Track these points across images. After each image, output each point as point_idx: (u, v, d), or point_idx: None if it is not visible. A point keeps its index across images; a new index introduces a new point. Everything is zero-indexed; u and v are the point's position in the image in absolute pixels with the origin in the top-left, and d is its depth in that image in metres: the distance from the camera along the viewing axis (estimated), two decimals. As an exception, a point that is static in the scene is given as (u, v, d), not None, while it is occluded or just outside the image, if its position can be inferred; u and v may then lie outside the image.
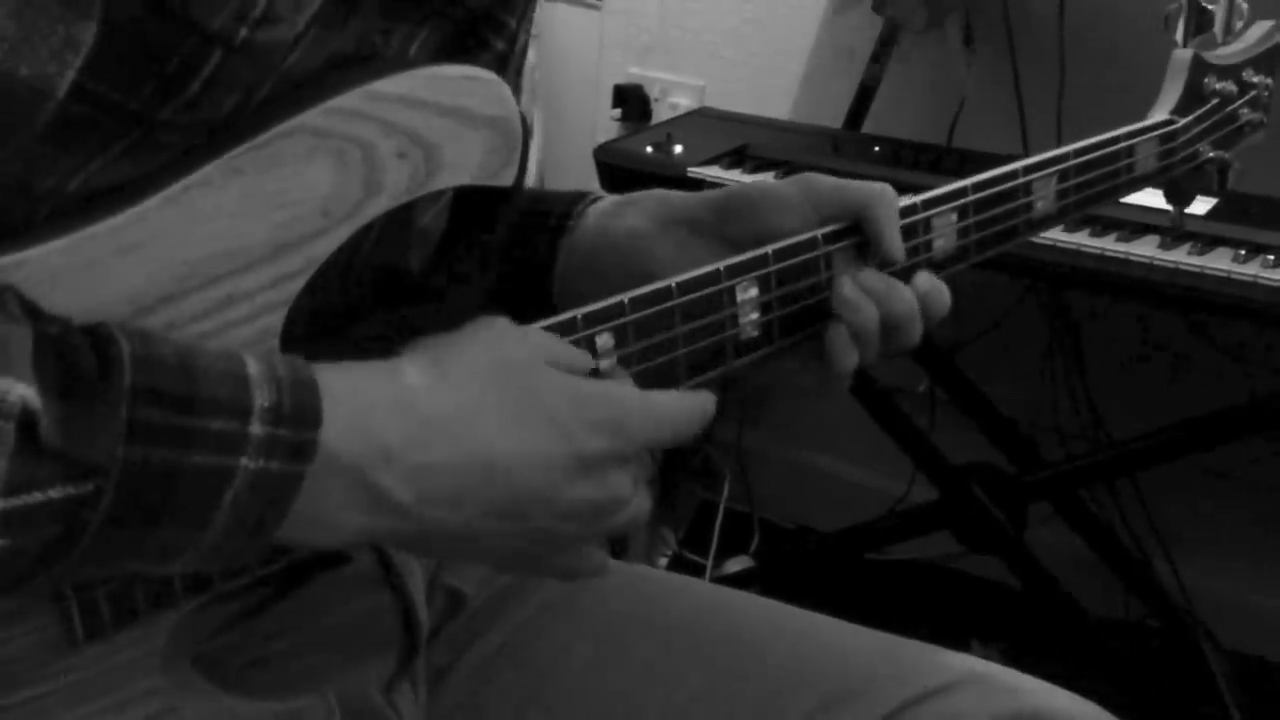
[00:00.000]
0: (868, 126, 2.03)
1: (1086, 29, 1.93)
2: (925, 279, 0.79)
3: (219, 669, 0.68)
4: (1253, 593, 2.09)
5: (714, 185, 1.70)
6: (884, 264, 0.79)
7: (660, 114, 2.29)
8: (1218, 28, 1.03)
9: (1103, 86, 1.93)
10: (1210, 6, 1.02)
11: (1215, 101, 1.02)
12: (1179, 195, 1.05)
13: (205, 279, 0.60)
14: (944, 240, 0.82)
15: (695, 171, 1.73)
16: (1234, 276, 1.45)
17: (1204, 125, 1.01)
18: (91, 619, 0.60)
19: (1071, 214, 0.90)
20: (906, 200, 0.81)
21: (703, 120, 2.01)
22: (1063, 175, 0.88)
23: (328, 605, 0.77)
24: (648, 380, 0.70)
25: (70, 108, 0.54)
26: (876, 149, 1.82)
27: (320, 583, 0.76)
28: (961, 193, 0.83)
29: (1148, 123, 0.97)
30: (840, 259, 0.79)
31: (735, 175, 1.72)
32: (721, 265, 0.74)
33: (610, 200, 0.86)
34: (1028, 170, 0.86)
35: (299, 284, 0.63)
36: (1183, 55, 1.01)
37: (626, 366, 0.70)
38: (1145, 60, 1.85)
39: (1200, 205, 1.36)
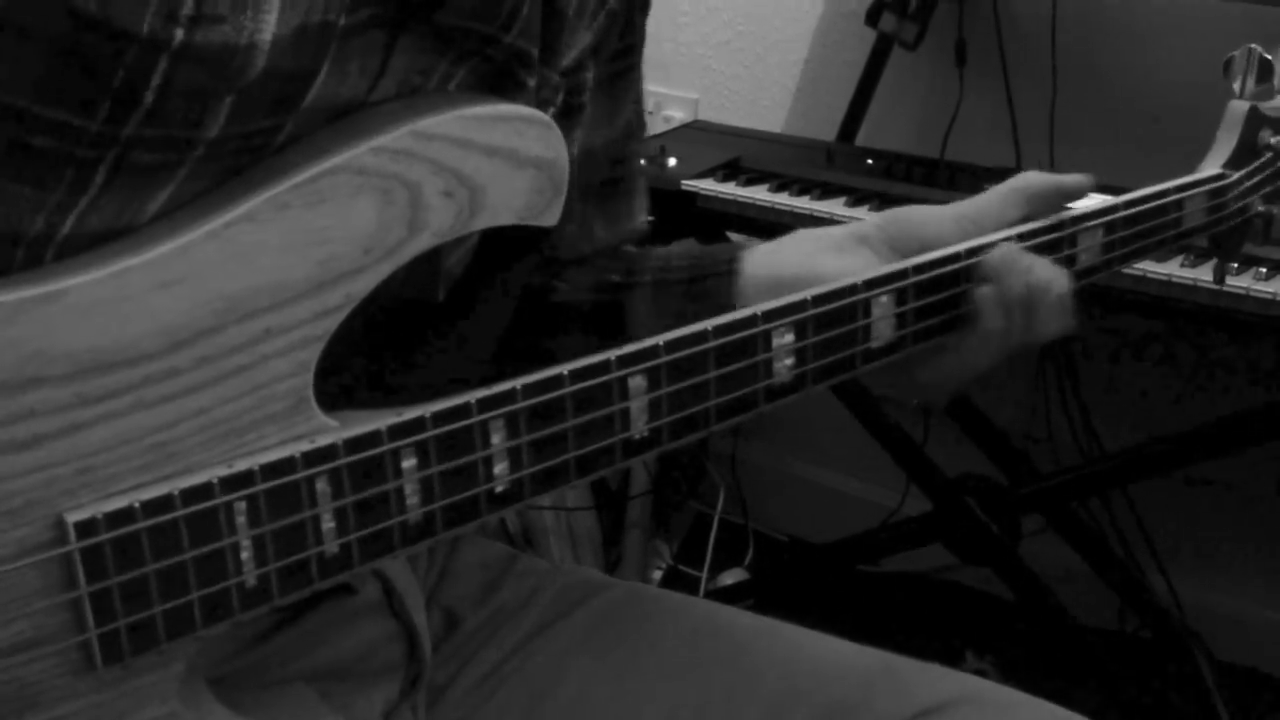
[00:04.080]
0: (861, 139, 2.03)
1: (1078, 41, 1.93)
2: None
3: (233, 693, 0.68)
4: (1246, 604, 2.10)
5: (708, 198, 1.71)
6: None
7: (654, 127, 2.29)
8: (1278, 80, 0.99)
9: (1095, 99, 1.94)
10: (1270, 58, 0.99)
11: (1269, 155, 0.99)
12: (1224, 248, 1.02)
13: (244, 313, 0.60)
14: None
15: (689, 184, 1.73)
16: (1226, 289, 1.45)
17: (1256, 179, 0.98)
18: (110, 644, 0.59)
19: (1115, 266, 0.89)
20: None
21: (696, 133, 2.00)
22: (1110, 227, 0.87)
23: (335, 633, 0.77)
24: (678, 423, 0.71)
25: (29, 138, 0.54)
26: (870, 162, 1.81)
27: (326, 610, 0.76)
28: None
29: (1199, 176, 0.95)
30: (877, 303, 0.79)
31: (729, 188, 1.72)
32: (759, 310, 0.74)
33: (760, 244, 0.86)
34: (1075, 221, 0.85)
35: (337, 320, 0.63)
36: (1239, 107, 0.98)
37: (656, 411, 0.70)
38: (1137, 72, 1.88)
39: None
